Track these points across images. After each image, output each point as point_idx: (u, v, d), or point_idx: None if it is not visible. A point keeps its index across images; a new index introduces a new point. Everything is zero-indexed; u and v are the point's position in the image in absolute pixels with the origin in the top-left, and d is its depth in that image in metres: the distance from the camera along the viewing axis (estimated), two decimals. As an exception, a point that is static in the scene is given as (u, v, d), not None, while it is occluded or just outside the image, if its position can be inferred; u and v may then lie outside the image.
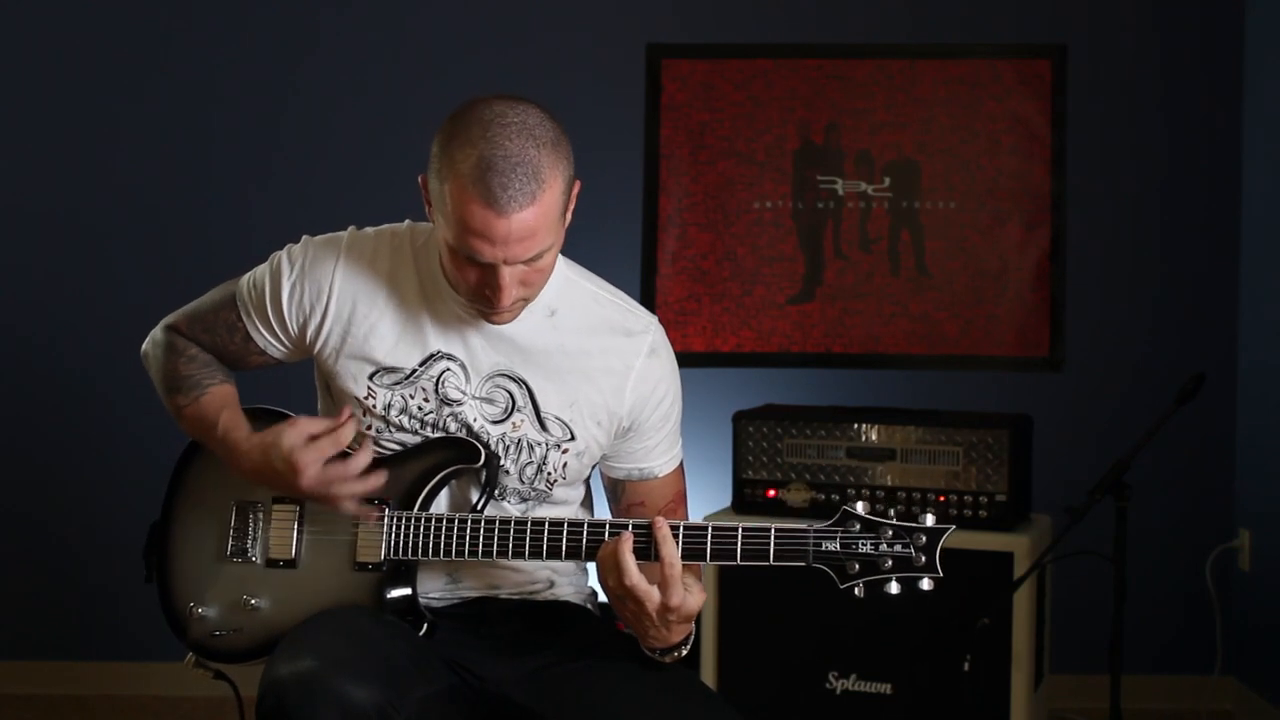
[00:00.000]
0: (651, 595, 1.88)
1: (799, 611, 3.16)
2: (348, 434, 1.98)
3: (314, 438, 1.96)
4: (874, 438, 3.21)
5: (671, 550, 1.88)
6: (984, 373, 3.85)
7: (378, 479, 1.99)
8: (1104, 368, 3.89)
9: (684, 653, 2.00)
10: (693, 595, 1.90)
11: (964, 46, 3.86)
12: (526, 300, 1.96)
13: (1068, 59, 3.84)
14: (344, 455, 1.98)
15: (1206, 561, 3.80)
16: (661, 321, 2.15)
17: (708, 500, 3.38)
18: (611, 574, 1.90)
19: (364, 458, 1.98)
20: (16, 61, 3.94)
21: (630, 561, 1.88)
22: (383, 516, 2.03)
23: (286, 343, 2.10)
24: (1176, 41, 3.88)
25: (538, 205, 1.85)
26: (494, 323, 1.99)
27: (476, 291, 1.92)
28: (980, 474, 3.13)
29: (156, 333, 2.19)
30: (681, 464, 2.19)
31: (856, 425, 3.22)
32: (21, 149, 3.95)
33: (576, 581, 2.22)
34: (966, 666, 2.91)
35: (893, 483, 3.18)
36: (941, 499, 3.14)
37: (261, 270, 2.10)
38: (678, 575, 1.88)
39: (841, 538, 1.89)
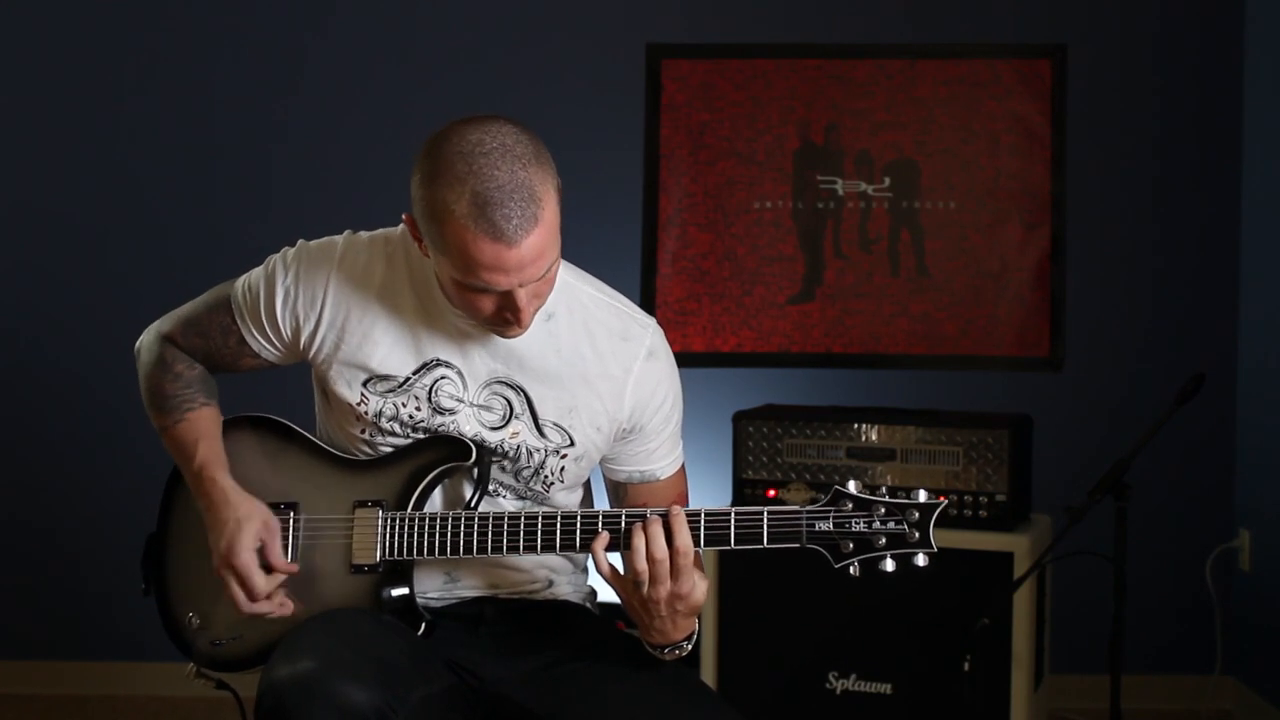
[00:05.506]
0: (629, 587, 1.92)
1: (799, 612, 3.16)
2: (275, 581, 2.02)
3: (265, 558, 2.02)
4: (874, 438, 3.21)
5: (687, 539, 1.90)
6: (984, 373, 3.85)
7: (269, 607, 2.03)
8: (1104, 368, 3.89)
9: (686, 649, 2.01)
10: (699, 587, 1.92)
11: (964, 46, 3.86)
12: (539, 309, 1.97)
13: (1068, 59, 3.84)
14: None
15: (1206, 561, 3.80)
16: (661, 322, 2.15)
17: (708, 500, 3.33)
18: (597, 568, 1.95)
19: (266, 605, 2.02)
20: (16, 62, 3.94)
21: (601, 557, 1.93)
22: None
23: (280, 347, 2.10)
24: (1176, 42, 3.88)
25: (542, 225, 1.84)
26: (510, 337, 1.99)
27: (495, 316, 1.92)
28: (980, 474, 3.13)
29: (150, 337, 2.18)
30: (683, 466, 2.19)
31: (856, 425, 3.22)
32: (21, 150, 3.95)
33: (575, 580, 2.22)
34: (966, 666, 2.91)
35: (893, 483, 3.18)
36: (941, 499, 3.13)
37: (256, 274, 2.10)
38: (690, 563, 1.91)
39: (835, 517, 1.91)
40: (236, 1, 3.93)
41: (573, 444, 2.06)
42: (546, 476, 2.08)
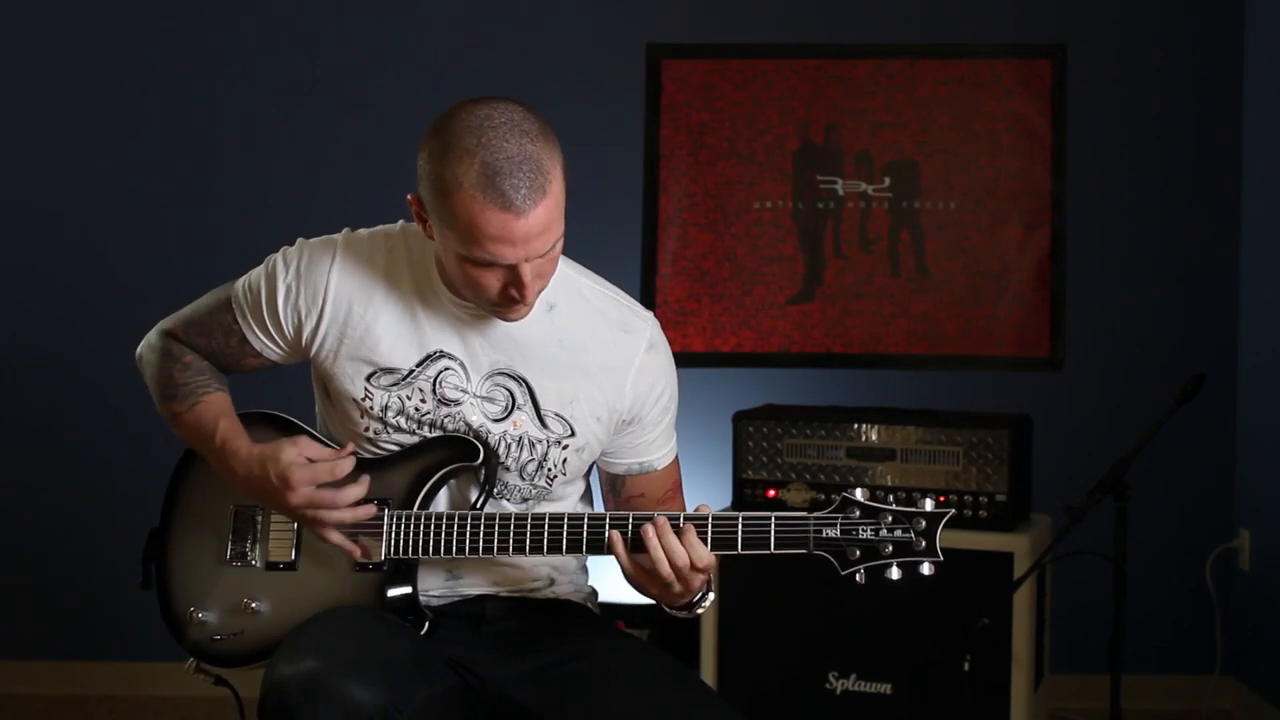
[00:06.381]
0: (657, 585, 1.95)
1: (799, 612, 3.16)
2: (345, 466, 2.01)
3: (313, 460, 1.99)
4: (874, 438, 3.21)
5: (706, 556, 1.93)
6: (984, 373, 3.85)
7: (366, 511, 2.01)
8: (1104, 368, 3.89)
9: (710, 600, 2.04)
10: (710, 556, 1.96)
11: (964, 46, 3.86)
12: (542, 290, 1.98)
13: (1068, 59, 3.84)
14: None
15: (1206, 561, 3.80)
16: (661, 321, 2.16)
17: (707, 500, 3.35)
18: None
19: (357, 490, 2.01)
20: (17, 62, 3.94)
21: (624, 556, 1.95)
22: (377, 541, 2.04)
23: (282, 345, 2.10)
24: (1176, 42, 3.88)
25: (549, 197, 1.86)
26: (513, 320, 1.99)
27: (500, 294, 1.92)
28: (980, 474, 3.13)
29: (152, 337, 2.19)
30: (677, 455, 2.20)
31: (856, 425, 3.22)
32: (22, 150, 3.95)
33: (576, 580, 2.22)
34: (966, 666, 2.91)
35: (893, 483, 3.19)
36: (941, 499, 3.14)
37: (257, 273, 2.10)
38: (712, 565, 1.95)
39: (842, 524, 1.92)
40: (237, 2, 3.94)
41: (574, 434, 2.07)
42: (550, 470, 2.08)
